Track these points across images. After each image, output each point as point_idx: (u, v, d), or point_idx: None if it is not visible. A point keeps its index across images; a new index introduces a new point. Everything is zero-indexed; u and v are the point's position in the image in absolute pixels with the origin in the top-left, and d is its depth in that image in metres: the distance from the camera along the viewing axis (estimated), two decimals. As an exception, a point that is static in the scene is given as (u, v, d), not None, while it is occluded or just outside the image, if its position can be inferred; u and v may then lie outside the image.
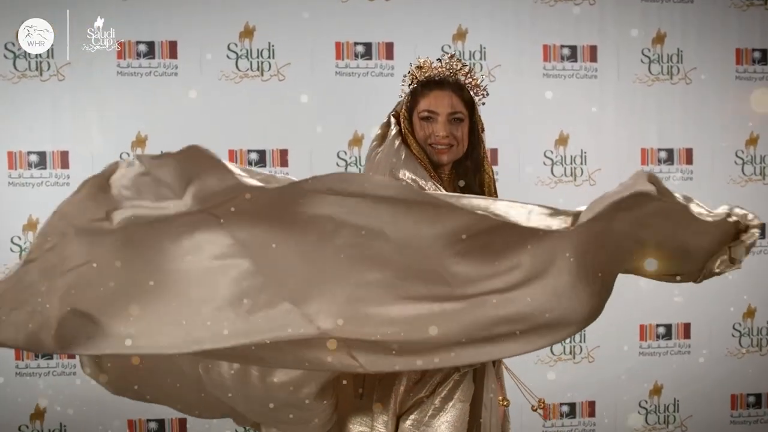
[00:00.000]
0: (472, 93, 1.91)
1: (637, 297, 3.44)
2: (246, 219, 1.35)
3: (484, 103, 1.94)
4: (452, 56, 1.92)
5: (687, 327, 3.64)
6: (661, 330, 3.63)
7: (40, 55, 3.32)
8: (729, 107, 3.60)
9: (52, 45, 3.30)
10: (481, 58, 3.53)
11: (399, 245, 1.38)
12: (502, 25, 3.52)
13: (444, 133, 1.84)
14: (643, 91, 3.59)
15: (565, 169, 3.58)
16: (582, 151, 3.59)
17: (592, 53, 3.55)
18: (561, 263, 1.44)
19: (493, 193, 1.92)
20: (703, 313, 3.62)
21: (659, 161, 3.61)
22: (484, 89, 1.93)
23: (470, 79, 1.91)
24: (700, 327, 3.64)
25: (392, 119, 1.91)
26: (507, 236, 1.42)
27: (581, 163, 3.59)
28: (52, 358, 3.30)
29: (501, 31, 3.52)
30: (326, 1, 3.44)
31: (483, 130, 1.94)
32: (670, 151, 3.62)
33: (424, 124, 1.86)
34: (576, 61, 3.55)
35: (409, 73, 1.92)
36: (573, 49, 3.55)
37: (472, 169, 1.90)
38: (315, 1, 3.44)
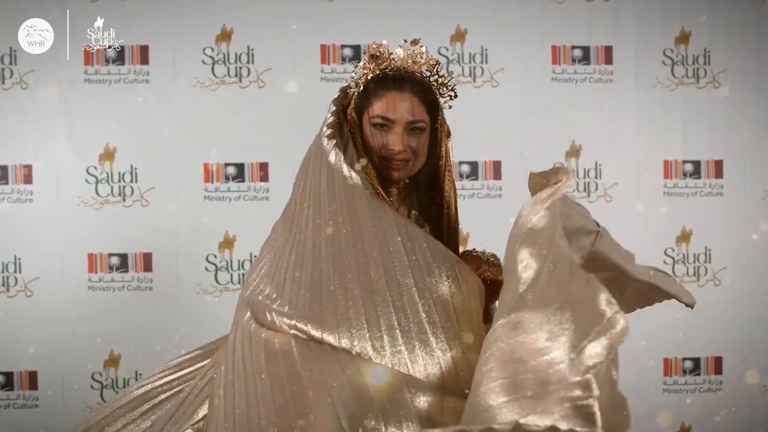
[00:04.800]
0: (437, 93, 1.56)
1: (661, 326, 3.22)
2: None
3: (450, 107, 1.60)
4: (415, 42, 1.58)
5: (718, 361, 3.35)
6: (689, 364, 3.35)
7: (2, 61, 3.11)
8: (763, 113, 3.31)
9: (14, 51, 3.11)
10: (482, 61, 3.24)
11: None
12: (505, 25, 3.24)
13: (400, 147, 1.51)
14: (664, 96, 3.30)
15: (577, 183, 3.31)
16: (596, 163, 3.29)
17: (607, 54, 3.27)
18: None
19: (453, 216, 1.59)
20: (736, 346, 3.33)
21: (684, 175, 3.31)
22: (452, 89, 1.59)
23: (436, 76, 1.57)
24: (732, 361, 3.35)
25: (340, 114, 1.57)
26: None
27: (595, 177, 3.28)
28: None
29: (504, 31, 3.25)
30: (310, 1, 3.19)
31: (449, 136, 1.60)
32: (696, 164, 3.31)
33: (377, 132, 1.52)
34: (589, 63, 3.27)
35: (362, 63, 1.58)
36: (585, 50, 3.27)
37: (429, 187, 1.57)
38: (298, 1, 3.19)
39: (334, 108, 1.57)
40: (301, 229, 1.45)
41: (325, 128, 1.52)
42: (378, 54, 1.56)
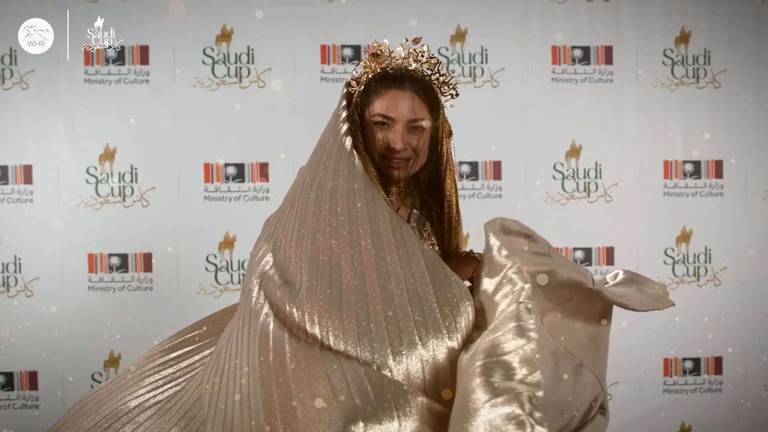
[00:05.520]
0: (438, 92, 1.56)
1: (661, 327, 3.24)
2: None
3: (452, 105, 1.60)
4: (416, 40, 1.57)
5: (718, 361, 3.32)
6: (689, 364, 3.32)
7: (2, 61, 3.10)
8: (763, 113, 3.29)
9: (14, 51, 3.11)
10: (482, 62, 3.22)
11: None
12: (505, 25, 3.23)
13: (401, 145, 1.50)
14: (665, 96, 3.28)
15: (577, 183, 3.25)
16: (596, 163, 3.26)
17: (607, 55, 3.25)
18: None
19: (454, 215, 1.58)
20: (736, 346, 3.31)
21: (684, 175, 3.28)
22: (453, 87, 1.58)
23: (437, 75, 1.57)
24: (732, 361, 3.32)
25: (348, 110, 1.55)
26: None
27: (596, 177, 3.25)
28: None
29: (505, 31, 3.23)
30: (310, 1, 3.18)
31: (450, 134, 1.59)
32: (696, 164, 3.29)
33: (377, 131, 1.52)
34: (589, 63, 3.25)
35: (363, 61, 1.58)
36: (585, 50, 3.25)
37: (430, 186, 1.56)
38: (298, 1, 3.18)
39: (345, 102, 1.55)
40: (312, 231, 1.43)
41: (341, 125, 1.51)
42: (379, 53, 1.55)
